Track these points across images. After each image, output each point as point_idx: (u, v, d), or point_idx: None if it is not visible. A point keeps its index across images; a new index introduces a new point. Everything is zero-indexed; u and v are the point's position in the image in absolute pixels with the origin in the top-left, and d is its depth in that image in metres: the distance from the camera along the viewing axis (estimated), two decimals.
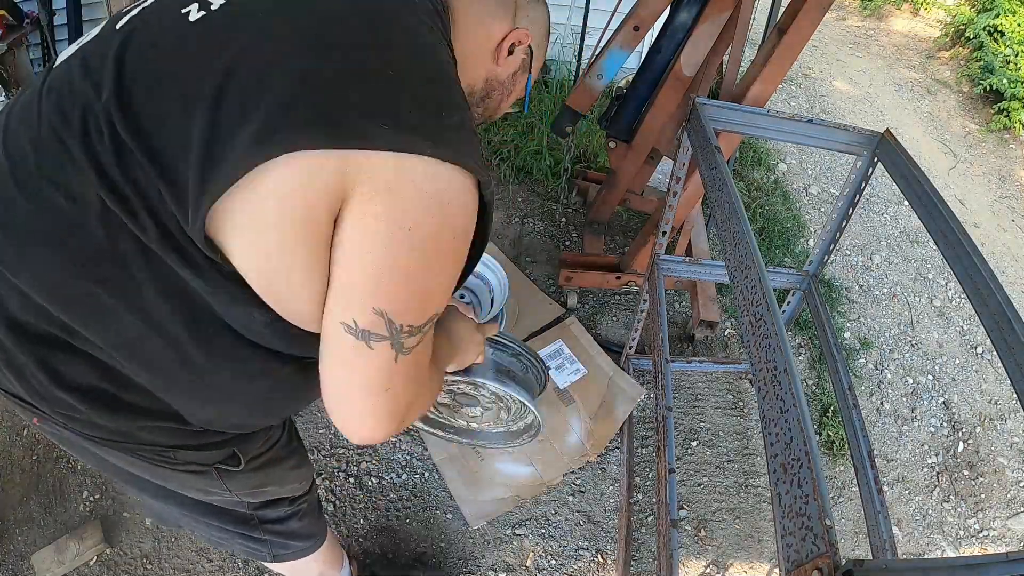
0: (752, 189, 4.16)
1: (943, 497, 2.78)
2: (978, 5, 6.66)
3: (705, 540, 2.42)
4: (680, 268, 2.34)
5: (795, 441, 0.96)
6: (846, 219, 2.12)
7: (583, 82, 2.73)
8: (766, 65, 2.24)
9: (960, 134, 5.61)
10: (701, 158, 1.78)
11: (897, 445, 2.93)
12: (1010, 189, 4.97)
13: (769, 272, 2.35)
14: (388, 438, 1.05)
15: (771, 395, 1.06)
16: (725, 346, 3.16)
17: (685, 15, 2.55)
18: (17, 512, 2.29)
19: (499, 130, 4.14)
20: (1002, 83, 5.66)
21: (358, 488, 2.43)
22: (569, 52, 4.57)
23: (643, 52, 3.01)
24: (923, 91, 6.21)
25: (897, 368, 3.26)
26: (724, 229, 1.49)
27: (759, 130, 1.99)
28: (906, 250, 4.04)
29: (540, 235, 3.64)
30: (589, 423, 2.65)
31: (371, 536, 2.29)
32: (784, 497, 0.94)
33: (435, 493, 2.43)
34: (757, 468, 2.66)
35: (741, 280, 1.31)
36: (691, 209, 2.83)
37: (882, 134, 1.89)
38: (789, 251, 3.73)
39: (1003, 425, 3.09)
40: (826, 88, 5.94)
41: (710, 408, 2.85)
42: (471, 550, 2.28)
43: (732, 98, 2.40)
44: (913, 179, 1.69)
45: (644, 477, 2.58)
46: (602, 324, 3.15)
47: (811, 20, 2.12)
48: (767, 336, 1.14)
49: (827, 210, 4.21)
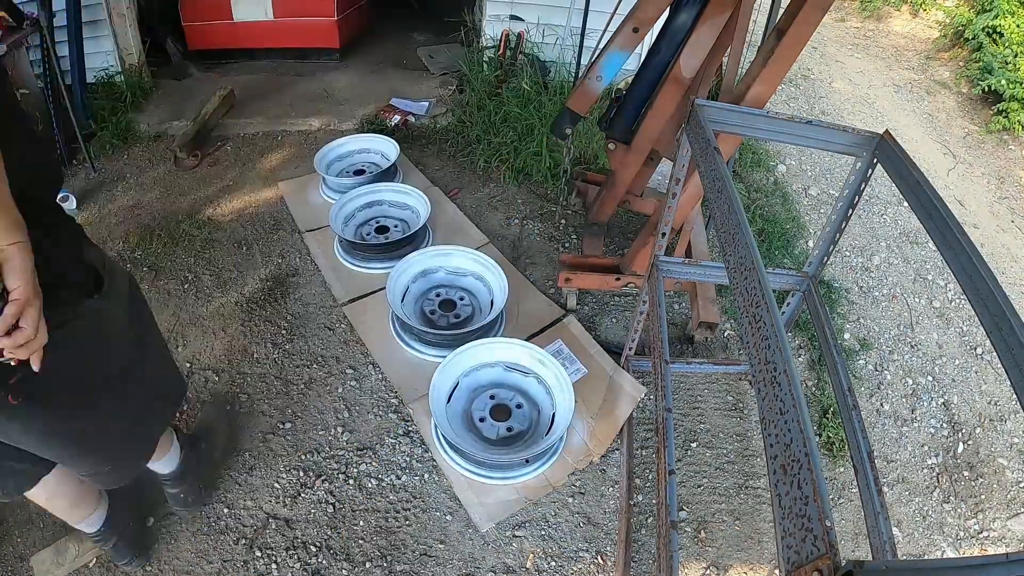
0: (752, 190, 4.17)
1: (943, 498, 2.78)
2: (977, 6, 6.67)
3: (705, 541, 2.42)
4: (680, 269, 2.34)
5: (795, 442, 0.96)
6: (845, 220, 2.12)
7: (582, 84, 2.73)
8: (765, 66, 2.25)
9: (959, 135, 5.62)
10: (700, 159, 1.78)
11: (897, 446, 2.93)
12: (1009, 190, 4.98)
13: (768, 273, 2.35)
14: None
15: (771, 396, 1.06)
16: (725, 347, 3.16)
17: (684, 16, 2.55)
18: (16, 513, 2.29)
19: (499, 132, 4.15)
20: (1001, 84, 5.67)
21: (358, 490, 2.43)
22: (569, 54, 4.58)
23: (642, 54, 3.01)
24: (922, 92, 6.22)
25: (897, 369, 3.26)
26: (723, 230, 1.49)
27: (758, 131, 1.99)
28: (906, 251, 4.04)
29: (540, 237, 3.64)
30: (592, 423, 2.65)
31: (370, 538, 2.29)
32: (784, 498, 0.94)
33: (435, 495, 2.43)
34: (757, 469, 2.66)
35: (741, 281, 1.31)
36: (690, 210, 2.83)
37: (881, 135, 1.89)
38: (789, 252, 3.74)
39: (1003, 426, 3.09)
40: (825, 89, 5.95)
41: (710, 409, 2.86)
42: (471, 552, 2.28)
43: (731, 99, 2.40)
44: (912, 180, 1.69)
45: (644, 478, 2.58)
46: (602, 325, 3.15)
47: (810, 21, 2.13)
48: (767, 337, 1.14)
49: (826, 211, 4.21)
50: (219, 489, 2.40)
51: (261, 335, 2.99)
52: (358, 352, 2.93)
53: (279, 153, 4.24)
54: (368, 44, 5.81)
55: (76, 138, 3.93)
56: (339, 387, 2.78)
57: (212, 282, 3.24)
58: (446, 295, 3.13)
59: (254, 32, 5.17)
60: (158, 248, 3.40)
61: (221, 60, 5.27)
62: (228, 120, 4.51)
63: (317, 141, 4.27)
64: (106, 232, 3.53)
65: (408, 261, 3.11)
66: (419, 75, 5.27)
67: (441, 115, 4.67)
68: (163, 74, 4.93)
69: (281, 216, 3.66)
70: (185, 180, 3.95)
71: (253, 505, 2.37)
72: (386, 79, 5.18)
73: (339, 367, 2.86)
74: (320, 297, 3.19)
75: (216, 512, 2.34)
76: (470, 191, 3.98)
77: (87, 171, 3.97)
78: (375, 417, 2.67)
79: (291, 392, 2.75)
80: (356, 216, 3.55)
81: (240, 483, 2.43)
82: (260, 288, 3.22)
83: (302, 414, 2.67)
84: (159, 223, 3.58)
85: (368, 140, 4.11)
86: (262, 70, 5.22)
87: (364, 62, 5.50)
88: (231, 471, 2.46)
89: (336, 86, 5.02)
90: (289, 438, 2.59)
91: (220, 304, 3.13)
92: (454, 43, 5.36)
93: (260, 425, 2.63)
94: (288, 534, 2.29)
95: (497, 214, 3.79)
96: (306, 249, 3.46)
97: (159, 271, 3.29)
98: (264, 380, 2.80)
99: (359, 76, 5.24)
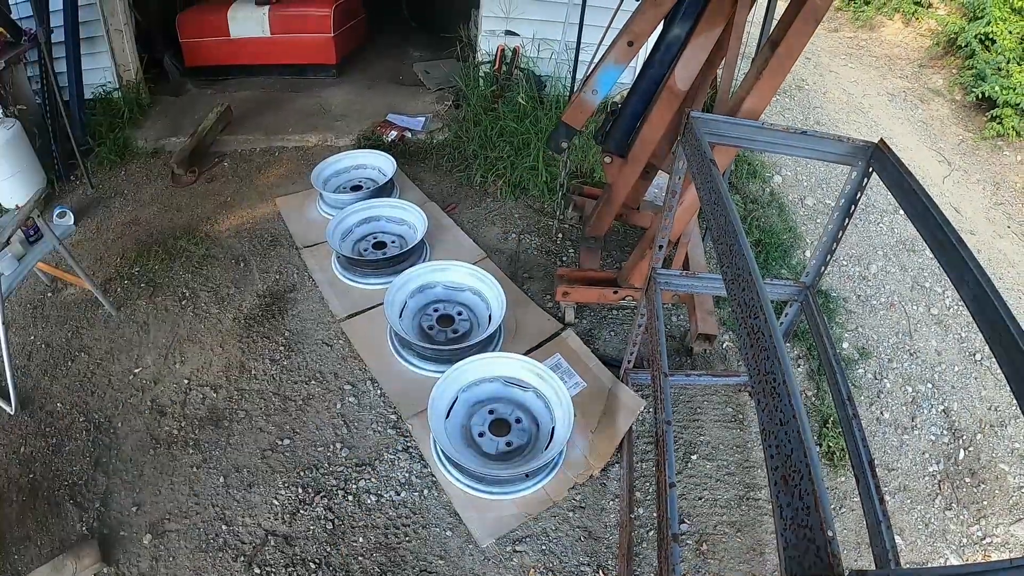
0: (748, 201, 4.18)
1: (945, 505, 2.77)
2: (969, 13, 6.72)
3: (707, 554, 2.41)
4: (677, 282, 2.34)
5: (795, 453, 0.96)
6: (842, 230, 2.13)
7: (578, 98, 2.74)
8: (760, 78, 2.26)
9: (954, 142, 5.64)
10: (696, 172, 1.79)
11: (898, 454, 2.92)
12: (1005, 195, 4.99)
13: (766, 284, 2.35)
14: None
15: (770, 407, 1.06)
16: (724, 359, 3.16)
17: (679, 30, 2.57)
18: (14, 530, 2.27)
19: (495, 147, 4.16)
20: (994, 90, 5.70)
21: (357, 506, 2.42)
22: (564, 68, 4.60)
23: (637, 67, 3.03)
24: (916, 100, 6.26)
25: (896, 377, 3.25)
26: (720, 242, 1.49)
27: (754, 143, 2.00)
28: (903, 259, 4.05)
29: (537, 251, 3.65)
30: (591, 436, 2.64)
31: (370, 554, 2.28)
32: (785, 509, 0.94)
33: (434, 511, 2.42)
34: (758, 480, 2.65)
35: (738, 293, 1.31)
36: (687, 223, 2.84)
37: (876, 144, 1.90)
38: (786, 263, 3.74)
39: (1004, 431, 3.09)
40: (820, 99, 5.98)
41: (709, 421, 2.85)
42: (472, 568, 2.27)
43: (727, 111, 2.41)
44: (908, 188, 1.69)
45: (644, 491, 2.57)
46: (600, 339, 3.15)
47: (803, 33, 2.14)
48: (765, 348, 1.14)
49: (823, 221, 4.22)
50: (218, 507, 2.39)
51: (259, 351, 2.98)
52: (356, 368, 2.92)
53: (276, 169, 4.25)
54: (364, 60, 5.85)
55: (74, 154, 3.94)
56: (337, 403, 2.77)
57: (210, 298, 3.24)
58: (444, 310, 3.12)
59: (251, 49, 5.20)
60: (155, 264, 3.40)
61: (218, 76, 5.30)
62: (225, 136, 4.52)
63: (314, 157, 4.28)
64: (104, 248, 3.54)
65: (406, 276, 3.11)
66: (415, 91, 5.30)
67: (437, 130, 4.69)
68: (160, 90, 4.96)
69: (278, 232, 3.66)
70: (182, 196, 3.95)
71: (252, 522, 2.35)
72: (382, 95, 5.20)
73: (337, 383, 2.85)
74: (318, 313, 3.18)
75: (215, 529, 2.32)
76: (467, 206, 3.99)
77: (85, 187, 3.97)
78: (374, 433, 2.66)
79: (289, 408, 2.74)
80: (353, 232, 3.56)
81: (238, 500, 2.42)
82: (258, 304, 3.21)
83: (300, 430, 2.66)
84: (156, 239, 3.59)
85: (365, 156, 4.12)
86: (259, 86, 5.25)
87: (360, 78, 5.53)
88: (230, 488, 2.44)
89: (332, 102, 5.04)
90: (287, 454, 2.57)
91: (218, 320, 3.12)
92: (450, 59, 5.39)
93: (259, 442, 2.61)
94: (287, 551, 2.27)
95: (494, 228, 3.80)
96: (304, 265, 3.46)
97: (156, 287, 3.28)
98: (262, 396, 2.79)
99: (355, 92, 5.26)
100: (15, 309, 3.16)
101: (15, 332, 3.05)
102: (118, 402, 2.76)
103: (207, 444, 2.61)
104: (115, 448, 2.59)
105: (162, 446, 2.60)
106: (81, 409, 2.73)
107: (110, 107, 4.49)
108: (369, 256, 3.42)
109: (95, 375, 2.87)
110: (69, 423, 2.67)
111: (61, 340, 3.02)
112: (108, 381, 2.85)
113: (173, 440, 2.62)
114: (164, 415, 2.71)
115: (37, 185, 3.78)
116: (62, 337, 3.03)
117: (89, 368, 2.90)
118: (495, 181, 4.08)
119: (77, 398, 2.77)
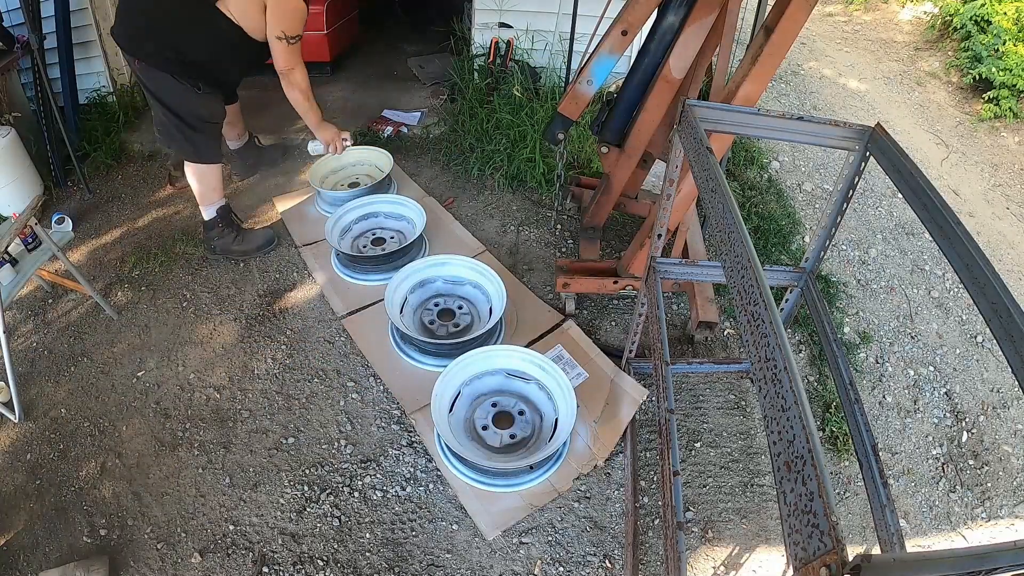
0: (746, 188, 4.17)
1: (949, 487, 2.78)
2: None
3: (713, 541, 2.41)
4: (677, 270, 2.34)
5: (798, 438, 0.96)
6: (841, 214, 2.12)
7: (573, 88, 2.74)
8: (755, 64, 2.25)
9: (951, 124, 5.63)
10: (693, 159, 1.78)
11: (901, 438, 2.92)
12: (1003, 177, 4.99)
13: (766, 270, 2.35)
14: (302, 73, 3.33)
15: (772, 393, 1.06)
16: (725, 346, 3.16)
17: (672, 18, 2.56)
18: (22, 538, 2.28)
19: (491, 139, 4.16)
20: (991, 71, 5.68)
21: (363, 502, 2.43)
22: (558, 59, 4.59)
23: (632, 56, 3.02)
24: (913, 83, 6.24)
25: (898, 361, 3.26)
26: (719, 229, 1.49)
27: (750, 129, 1.99)
28: (902, 242, 4.05)
29: (536, 243, 3.65)
30: (595, 427, 2.65)
31: (377, 549, 2.29)
32: (789, 495, 0.94)
33: (440, 505, 2.43)
34: (762, 467, 2.66)
35: (738, 280, 1.31)
36: (686, 211, 2.83)
37: (873, 128, 1.90)
38: (785, 249, 3.74)
39: (1006, 413, 3.09)
40: (816, 84, 5.96)
41: (712, 409, 2.85)
42: (479, 560, 2.28)
43: (722, 98, 2.41)
44: (905, 171, 1.69)
45: (649, 480, 2.58)
46: (602, 329, 3.15)
47: (797, 18, 2.13)
48: (766, 335, 1.14)
49: (821, 206, 4.22)
50: (224, 508, 2.39)
51: (261, 351, 2.98)
52: (358, 364, 2.92)
53: (273, 168, 4.24)
54: (358, 57, 5.83)
55: (70, 159, 3.93)
56: (341, 400, 2.78)
57: (210, 299, 3.24)
58: (445, 304, 3.12)
59: None
60: (155, 267, 3.41)
61: None
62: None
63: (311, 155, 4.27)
64: (103, 253, 3.54)
65: (405, 272, 3.11)
66: (410, 86, 5.29)
67: (433, 125, 4.68)
68: None
69: (277, 231, 3.66)
70: (179, 198, 3.95)
71: (259, 521, 2.36)
72: (377, 91, 5.19)
73: (340, 380, 2.86)
74: (319, 311, 3.19)
75: (222, 530, 2.33)
76: (465, 199, 3.98)
77: (82, 192, 3.97)
78: (378, 429, 2.67)
79: (293, 407, 2.75)
80: (352, 229, 3.56)
81: (245, 499, 2.43)
82: (258, 304, 3.22)
83: (305, 428, 2.67)
84: (155, 242, 3.59)
85: (361, 152, 4.11)
86: (254, 85, 5.21)
87: (355, 75, 5.51)
88: (236, 488, 2.45)
89: (328, 99, 5.02)
90: (293, 453, 2.58)
91: (219, 321, 3.13)
92: (444, 53, 5.38)
93: (263, 441, 2.62)
94: (295, 548, 2.28)
95: (493, 221, 3.80)
96: (303, 263, 3.46)
97: (157, 290, 3.29)
98: (266, 396, 2.79)
99: (350, 89, 5.25)
100: (16, 316, 3.17)
101: (17, 339, 3.05)
102: (122, 406, 2.77)
103: (212, 445, 2.61)
104: (121, 452, 2.60)
105: (167, 448, 2.61)
106: (85, 414, 2.73)
107: (105, 111, 4.48)
108: (368, 253, 3.42)
109: (98, 379, 2.88)
110: (74, 428, 2.68)
111: (63, 346, 3.03)
112: (111, 385, 2.85)
113: (178, 442, 2.63)
114: (168, 417, 2.72)
115: (34, 192, 3.78)
116: (64, 343, 3.04)
117: (92, 373, 2.90)
118: (492, 174, 4.07)
119: (81, 403, 2.78)
